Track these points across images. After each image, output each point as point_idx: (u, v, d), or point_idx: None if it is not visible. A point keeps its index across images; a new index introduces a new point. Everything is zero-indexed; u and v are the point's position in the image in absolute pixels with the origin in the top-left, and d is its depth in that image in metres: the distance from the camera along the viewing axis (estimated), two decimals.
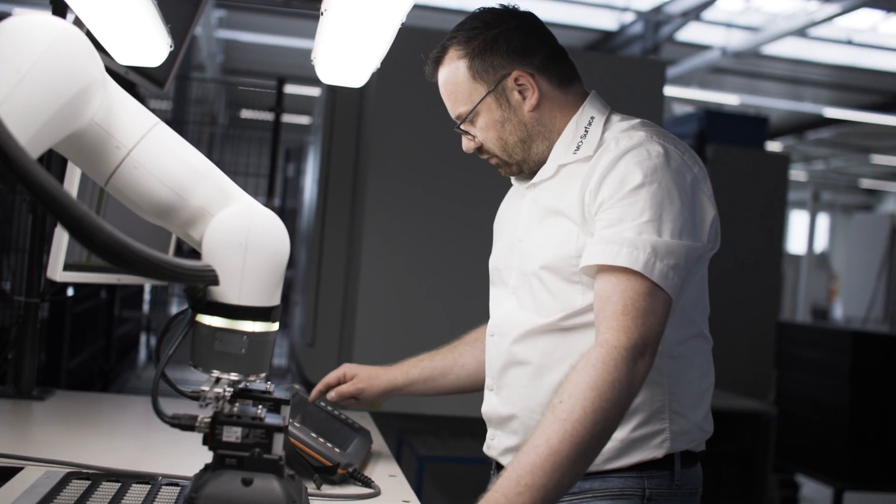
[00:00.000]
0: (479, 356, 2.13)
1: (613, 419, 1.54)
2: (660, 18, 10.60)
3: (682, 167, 1.72)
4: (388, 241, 4.10)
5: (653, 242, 1.63)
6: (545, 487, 1.45)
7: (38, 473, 1.72)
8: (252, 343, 1.41)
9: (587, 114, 1.87)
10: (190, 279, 1.31)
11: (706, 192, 1.76)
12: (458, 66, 1.86)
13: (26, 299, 2.64)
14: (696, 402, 1.83)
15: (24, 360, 2.59)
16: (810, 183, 20.02)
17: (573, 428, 1.48)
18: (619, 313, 1.59)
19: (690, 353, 1.82)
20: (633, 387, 1.56)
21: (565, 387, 1.54)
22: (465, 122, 1.89)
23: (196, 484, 1.40)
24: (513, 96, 1.85)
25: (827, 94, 13.97)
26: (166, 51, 2.06)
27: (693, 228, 1.69)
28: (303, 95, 10.86)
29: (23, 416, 2.38)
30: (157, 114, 1.87)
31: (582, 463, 1.51)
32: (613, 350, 1.55)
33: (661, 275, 1.62)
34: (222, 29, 11.89)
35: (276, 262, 1.42)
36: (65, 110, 1.24)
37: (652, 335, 1.60)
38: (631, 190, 1.67)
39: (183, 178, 1.39)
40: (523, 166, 1.92)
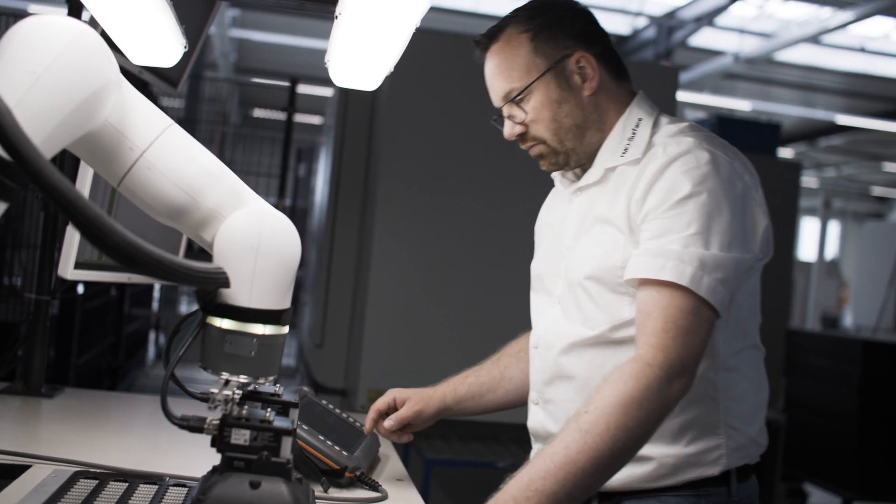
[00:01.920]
0: (525, 368, 2.05)
1: (637, 438, 1.50)
2: (673, 23, 10.58)
3: (733, 175, 1.66)
4: (398, 243, 4.10)
5: (700, 256, 1.58)
6: (555, 495, 1.43)
7: (46, 472, 1.72)
8: (262, 346, 1.41)
9: (634, 115, 1.82)
10: (201, 281, 1.31)
11: (758, 200, 1.71)
12: (518, 40, 1.81)
13: (37, 296, 2.65)
14: (752, 415, 1.77)
15: (34, 358, 2.59)
16: (821, 190, 19.98)
17: (594, 441, 1.46)
18: (660, 330, 1.55)
19: (745, 365, 1.76)
20: (664, 408, 1.52)
21: (594, 397, 1.51)
22: (515, 100, 1.82)
23: (204, 486, 1.40)
24: (573, 78, 1.80)
25: (839, 102, 13.94)
26: (181, 51, 2.06)
27: (743, 240, 1.63)
28: (315, 95, 10.87)
29: (31, 413, 2.39)
30: (170, 112, 1.88)
31: (597, 477, 1.48)
32: (648, 368, 1.51)
33: (709, 289, 1.57)
34: (236, 28, 11.92)
35: (287, 265, 1.42)
36: (79, 111, 1.24)
37: (691, 356, 1.55)
38: (678, 200, 1.62)
39: (195, 179, 1.39)
40: (571, 158, 1.84)
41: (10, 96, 1.14)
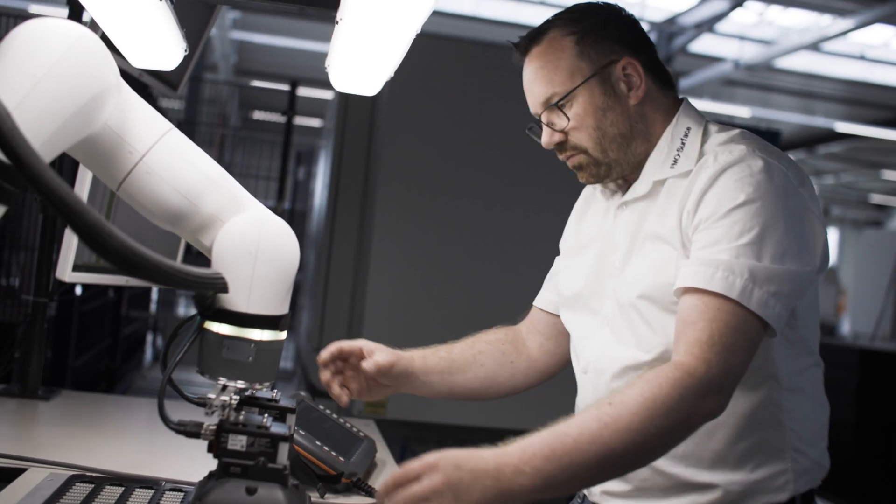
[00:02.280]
0: (498, 358, 2.00)
1: (654, 447, 1.42)
2: (673, 29, 10.60)
3: (787, 184, 1.57)
4: (397, 247, 4.10)
5: (751, 267, 1.49)
6: (553, 479, 1.35)
7: (42, 475, 1.71)
8: (260, 351, 1.41)
9: (683, 124, 1.74)
10: (199, 286, 1.31)
11: (814, 210, 1.62)
12: (563, 43, 1.73)
13: (34, 298, 2.64)
14: (816, 437, 1.70)
15: (31, 360, 2.59)
16: (820, 197, 19.96)
17: (609, 437, 1.36)
18: (704, 342, 1.45)
19: (808, 385, 1.69)
20: (690, 422, 1.43)
21: (624, 392, 1.42)
22: (556, 106, 1.73)
23: (200, 491, 1.40)
24: (618, 85, 1.72)
25: (838, 109, 13.95)
26: (181, 55, 2.05)
27: (800, 251, 1.54)
28: (315, 98, 10.87)
29: (28, 415, 2.38)
30: (169, 114, 1.87)
31: (600, 475, 1.43)
32: (687, 377, 1.41)
33: (760, 303, 1.48)
34: (236, 30, 11.92)
35: (285, 270, 1.42)
36: (79, 115, 1.24)
37: (732, 375, 1.46)
38: (730, 210, 1.54)
39: (195, 184, 1.39)
40: (613, 169, 1.75)
41: (9, 99, 1.14)
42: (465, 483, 1.31)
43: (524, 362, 2.03)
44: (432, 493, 1.31)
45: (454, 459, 1.34)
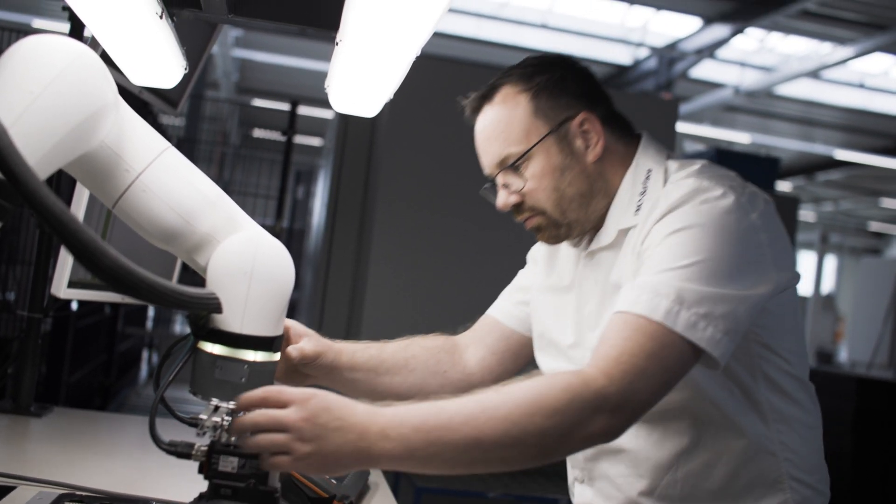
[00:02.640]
0: (431, 367, 1.91)
1: (528, 448, 1.31)
2: (674, 55, 10.63)
3: (735, 210, 1.50)
4: (394, 267, 4.10)
5: (679, 288, 1.41)
6: (414, 450, 1.28)
7: (31, 493, 1.70)
8: (253, 372, 1.41)
9: (643, 167, 1.67)
10: (194, 307, 1.30)
11: (770, 237, 1.53)
12: (516, 101, 1.67)
13: (29, 314, 2.63)
14: (813, 463, 1.64)
15: (24, 376, 2.57)
16: (819, 224, 20.02)
17: (485, 422, 1.29)
18: (612, 358, 1.37)
19: (798, 412, 1.62)
20: (573, 435, 1.33)
21: (518, 384, 1.35)
22: (511, 167, 1.67)
23: None
24: (576, 142, 1.66)
25: (838, 137, 13.99)
26: (181, 73, 2.05)
27: (739, 275, 1.46)
28: (315, 117, 10.90)
29: (19, 432, 2.36)
30: (170, 131, 1.87)
31: (466, 461, 1.32)
32: (582, 386, 1.33)
33: (688, 325, 1.39)
34: (238, 48, 11.96)
35: (280, 291, 1.42)
36: (76, 132, 1.23)
37: (635, 401, 1.36)
38: (668, 234, 1.49)
39: (191, 203, 1.39)
40: (573, 230, 1.69)
41: (6, 115, 1.14)
42: (327, 428, 1.27)
43: (458, 374, 1.93)
44: (292, 425, 1.27)
45: (327, 402, 1.29)
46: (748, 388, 1.57)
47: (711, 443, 1.57)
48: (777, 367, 1.58)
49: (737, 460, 1.57)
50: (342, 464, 1.30)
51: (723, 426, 1.56)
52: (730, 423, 1.56)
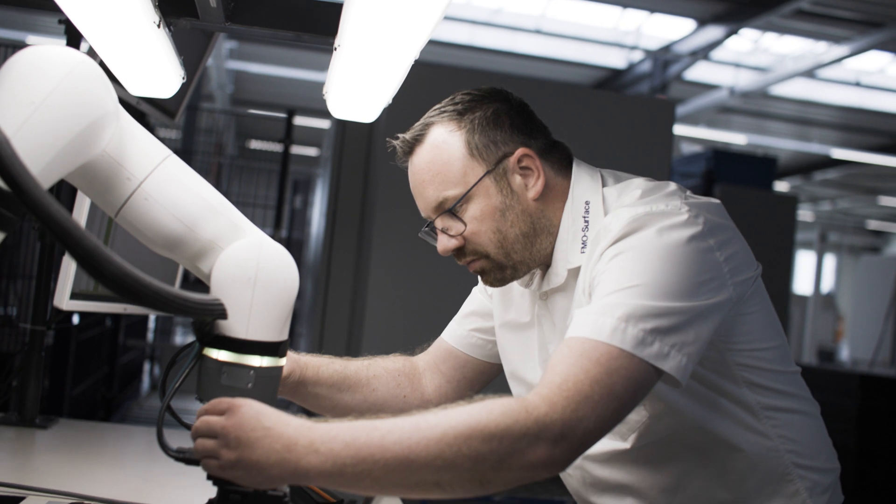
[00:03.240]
0: (392, 389, 1.88)
1: (461, 473, 1.24)
2: (668, 57, 10.66)
3: (681, 226, 1.44)
4: (394, 275, 4.10)
5: (626, 306, 1.34)
6: (343, 466, 1.23)
7: (41, 503, 1.71)
8: (259, 378, 1.41)
9: (579, 199, 1.61)
10: (199, 313, 1.30)
11: (720, 251, 1.45)
12: (449, 142, 1.61)
13: (32, 326, 2.64)
14: (817, 445, 1.61)
15: (28, 388, 2.58)
16: (817, 224, 20.03)
17: (417, 442, 1.23)
18: (556, 385, 1.28)
19: (789, 402, 1.58)
20: (510, 462, 1.24)
21: (458, 407, 1.28)
22: (450, 211, 1.61)
23: None
24: (514, 180, 1.60)
25: (834, 136, 14.02)
26: (179, 83, 2.06)
27: (693, 289, 1.39)
28: (312, 127, 10.91)
29: (26, 444, 2.37)
30: (167, 143, 1.87)
31: (397, 482, 1.26)
32: (522, 412, 1.25)
33: (636, 341, 1.32)
34: (233, 60, 11.98)
35: (285, 297, 1.42)
36: (77, 141, 1.24)
37: (582, 430, 1.27)
38: (613, 258, 1.43)
39: (193, 210, 1.39)
40: (519, 270, 1.64)
41: (8, 125, 1.15)
42: (253, 437, 1.25)
43: (416, 400, 1.90)
44: (219, 431, 1.27)
45: (257, 411, 1.27)
46: (735, 397, 1.53)
47: (711, 460, 1.56)
48: (759, 369, 1.54)
49: (741, 468, 1.55)
50: (268, 475, 1.26)
51: (718, 444, 1.54)
52: (723, 441, 1.54)
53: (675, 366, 1.35)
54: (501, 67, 10.88)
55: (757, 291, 1.54)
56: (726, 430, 1.54)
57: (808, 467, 1.58)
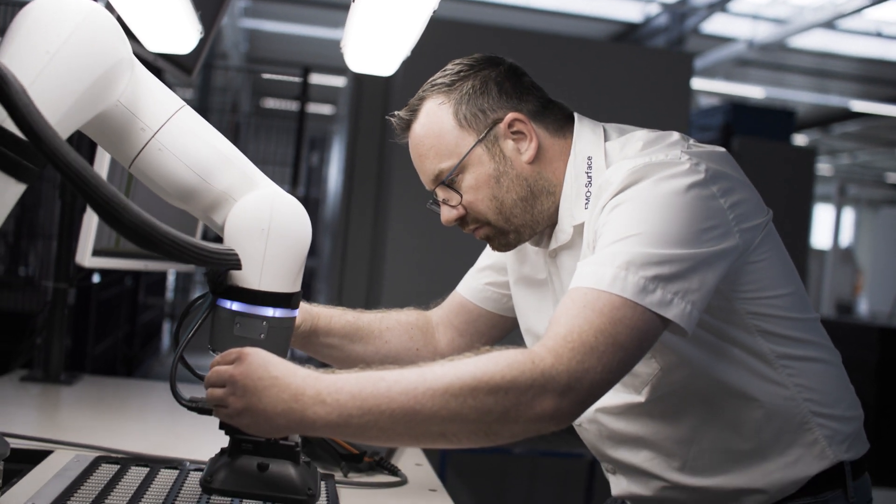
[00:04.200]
0: (405, 342, 1.91)
1: (467, 424, 1.26)
2: (685, 10, 10.54)
3: (682, 175, 1.43)
4: (413, 231, 4.10)
5: (626, 255, 1.34)
6: (349, 417, 1.24)
7: (68, 457, 1.72)
8: (271, 329, 1.41)
9: (581, 155, 1.61)
10: (214, 262, 1.31)
11: (724, 198, 1.44)
12: (439, 115, 1.62)
13: (55, 284, 2.66)
14: (837, 394, 1.59)
15: (52, 345, 2.61)
16: (836, 177, 19.89)
17: (423, 392, 1.24)
18: (561, 337, 1.29)
19: (805, 349, 1.56)
20: (516, 414, 1.25)
21: (464, 359, 1.30)
22: (447, 182, 1.63)
23: (212, 468, 1.40)
24: (507, 145, 1.61)
25: (854, 88, 13.86)
26: (196, 38, 2.06)
27: (696, 236, 1.38)
28: (325, 85, 10.87)
29: (51, 400, 2.40)
30: None
31: (403, 432, 1.26)
32: (529, 363, 1.26)
33: (637, 288, 1.32)
34: (247, 18, 11.91)
35: (297, 248, 1.42)
36: (93, 90, 1.24)
37: (588, 381, 1.27)
38: (613, 210, 1.43)
39: (207, 161, 1.39)
40: (523, 233, 1.65)
41: (25, 76, 1.15)
42: (261, 385, 1.26)
43: (429, 353, 1.91)
44: (228, 379, 1.28)
45: (267, 360, 1.29)
46: (748, 346, 1.53)
47: (726, 411, 1.55)
48: (773, 317, 1.53)
49: (757, 418, 1.54)
50: (274, 424, 1.27)
51: (732, 395, 1.54)
52: (737, 392, 1.53)
53: (680, 313, 1.35)
54: (516, 22, 10.79)
55: (768, 238, 1.54)
56: (740, 380, 1.53)
57: (827, 416, 1.56)
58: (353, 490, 1.78)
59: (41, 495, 1.48)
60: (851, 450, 1.59)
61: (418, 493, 1.83)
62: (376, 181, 4.60)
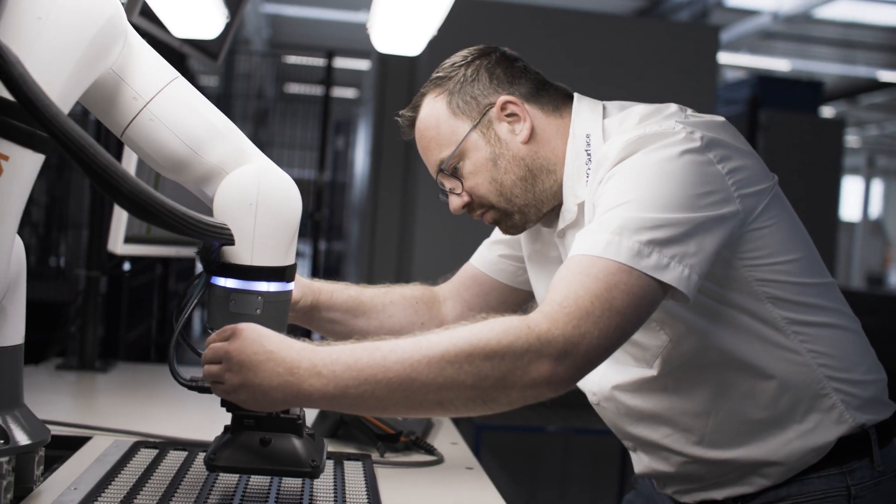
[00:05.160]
0: (409, 316, 1.92)
1: (464, 391, 1.26)
2: None
3: (679, 143, 1.42)
4: (442, 212, 4.08)
5: (619, 219, 1.34)
6: (345, 388, 1.25)
7: (107, 442, 1.74)
8: (267, 304, 1.40)
9: (580, 133, 1.63)
10: (209, 235, 1.30)
11: (722, 163, 1.44)
12: (435, 107, 1.67)
13: (87, 273, 2.68)
14: (854, 358, 1.57)
15: (87, 333, 2.63)
16: (864, 149, 19.70)
17: (419, 360, 1.24)
18: (557, 303, 1.29)
19: (819, 314, 1.54)
20: (513, 379, 1.25)
21: (458, 326, 1.30)
22: (448, 170, 1.66)
23: (215, 445, 1.40)
24: (501, 128, 1.63)
25: (881, 58, 13.69)
26: (223, 22, 2.06)
27: (692, 201, 1.37)
28: (349, 69, 10.87)
29: (87, 387, 2.42)
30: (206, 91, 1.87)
31: (400, 401, 1.27)
32: (524, 328, 1.26)
33: (631, 252, 1.31)
34: (268, 3, 11.92)
35: (287, 221, 1.40)
36: (89, 54, 1.23)
37: (585, 345, 1.27)
38: (608, 180, 1.44)
39: (199, 133, 1.37)
40: (528, 214, 1.66)
41: (19, 46, 1.14)
42: (256, 360, 1.26)
43: (435, 327, 1.84)
44: (224, 355, 1.28)
45: (261, 334, 1.29)
46: (758, 314, 1.51)
47: (739, 381, 1.54)
48: (782, 283, 1.51)
49: (771, 387, 1.53)
50: (271, 398, 1.27)
51: (744, 365, 1.52)
52: (749, 361, 1.52)
53: (677, 277, 1.34)
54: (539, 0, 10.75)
55: (774, 204, 1.52)
56: (751, 348, 1.52)
57: (843, 380, 1.55)
58: (390, 470, 1.79)
59: (83, 480, 1.49)
60: (872, 412, 1.57)
61: (455, 472, 1.83)
62: (404, 163, 4.60)
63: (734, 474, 1.59)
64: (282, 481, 1.56)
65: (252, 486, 1.53)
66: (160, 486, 1.49)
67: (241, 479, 1.55)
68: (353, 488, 1.57)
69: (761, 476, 1.56)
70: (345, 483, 1.59)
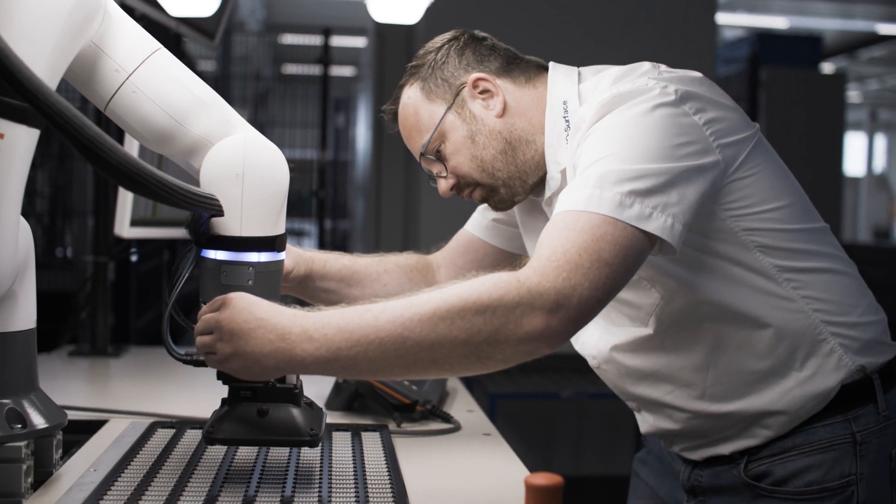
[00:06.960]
0: (404, 284, 1.92)
1: (457, 347, 1.25)
2: None
3: (654, 99, 1.42)
4: None
5: (600, 172, 1.35)
6: (338, 350, 1.24)
7: (124, 424, 1.74)
8: (258, 274, 1.39)
9: (557, 100, 1.64)
10: (198, 205, 1.29)
11: (699, 114, 1.44)
12: (411, 95, 1.70)
13: (95, 259, 2.68)
14: (850, 301, 1.57)
15: (97, 319, 2.64)
16: (866, 103, 19.61)
17: (410, 318, 1.24)
18: (545, 258, 1.28)
19: (811, 259, 1.55)
20: (506, 335, 1.25)
21: (450, 283, 1.29)
22: (432, 154, 1.68)
23: (213, 419, 1.40)
24: (475, 105, 1.66)
25: (879, 10, 13.60)
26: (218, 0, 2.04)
27: (671, 151, 1.38)
28: (345, 47, 10.83)
29: (101, 372, 2.42)
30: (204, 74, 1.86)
31: (393, 362, 1.26)
32: (514, 282, 1.25)
33: (613, 204, 1.31)
34: None
35: (274, 191, 1.39)
36: (69, 24, 1.23)
37: (576, 297, 1.26)
38: (584, 141, 1.45)
39: (184, 105, 1.36)
40: (513, 187, 1.67)
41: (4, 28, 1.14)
42: (246, 328, 1.26)
43: None
44: (215, 325, 1.28)
45: (251, 302, 1.28)
46: (747, 264, 1.51)
47: (735, 333, 1.54)
48: (770, 230, 1.51)
49: (768, 335, 1.52)
50: (264, 365, 1.27)
51: (738, 316, 1.52)
52: (743, 312, 1.52)
53: (661, 226, 1.34)
54: None
55: (756, 153, 1.52)
56: (744, 299, 1.52)
57: (840, 324, 1.54)
58: (408, 439, 1.79)
59: (102, 462, 1.50)
60: (872, 354, 1.57)
61: (473, 438, 1.83)
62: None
63: (738, 427, 1.59)
64: (300, 457, 1.55)
65: (270, 460, 1.53)
66: (179, 465, 1.49)
67: (260, 453, 1.55)
68: (372, 459, 1.57)
69: (765, 427, 1.56)
70: (363, 454, 1.59)
